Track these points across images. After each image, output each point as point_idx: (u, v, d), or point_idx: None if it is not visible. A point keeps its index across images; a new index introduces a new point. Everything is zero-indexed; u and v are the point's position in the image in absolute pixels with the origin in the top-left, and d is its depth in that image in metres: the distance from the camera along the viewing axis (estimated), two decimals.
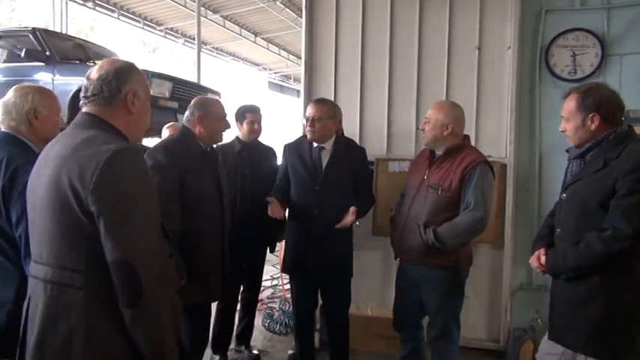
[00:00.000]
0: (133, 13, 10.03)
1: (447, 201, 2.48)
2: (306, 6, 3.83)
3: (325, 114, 2.84)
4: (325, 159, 2.87)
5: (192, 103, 2.53)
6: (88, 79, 1.47)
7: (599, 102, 1.93)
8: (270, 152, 3.53)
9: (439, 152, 2.60)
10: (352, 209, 2.78)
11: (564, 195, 2.05)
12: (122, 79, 1.46)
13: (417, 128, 3.65)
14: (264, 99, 15.12)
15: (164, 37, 11.40)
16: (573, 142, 2.04)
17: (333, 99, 3.66)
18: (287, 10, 10.05)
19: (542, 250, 2.10)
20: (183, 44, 11.93)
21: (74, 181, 1.29)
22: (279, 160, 3.59)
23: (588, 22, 3.47)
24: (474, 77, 3.57)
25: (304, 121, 2.90)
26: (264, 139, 3.53)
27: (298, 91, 17.41)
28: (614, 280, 1.86)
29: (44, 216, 1.36)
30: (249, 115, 3.35)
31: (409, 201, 2.65)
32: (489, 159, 3.20)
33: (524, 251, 2.95)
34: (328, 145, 2.90)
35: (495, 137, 3.56)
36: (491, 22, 3.55)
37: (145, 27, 10.60)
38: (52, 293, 1.34)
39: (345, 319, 3.02)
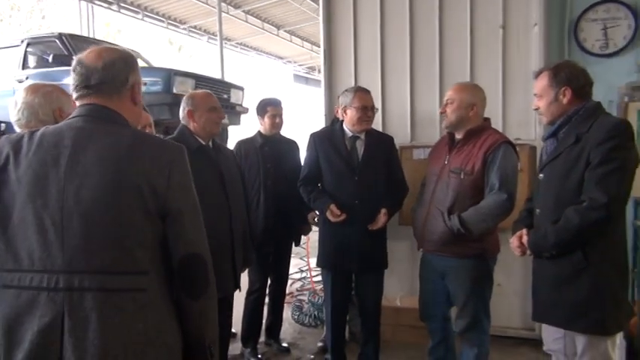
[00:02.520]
0: (157, 13, 10.14)
1: (470, 185, 2.41)
2: None
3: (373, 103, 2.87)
4: (361, 149, 2.83)
5: (183, 99, 2.54)
6: (85, 66, 1.35)
7: (570, 76, 1.97)
8: (292, 145, 3.50)
9: (459, 136, 2.53)
10: (383, 211, 2.77)
11: (541, 175, 2.06)
12: (129, 68, 1.40)
13: (442, 113, 3.56)
14: (289, 92, 15.13)
15: (188, 35, 11.50)
16: (546, 118, 2.06)
17: None
18: (308, 0, 9.98)
19: (523, 231, 2.09)
20: (207, 41, 12.01)
21: (152, 180, 1.27)
22: (302, 153, 3.57)
23: None
24: (499, 58, 3.45)
25: (354, 111, 2.79)
26: (290, 131, 3.51)
27: None
28: (596, 253, 1.86)
29: (90, 220, 1.24)
30: (271, 108, 3.33)
31: (431, 188, 2.58)
32: (518, 142, 3.12)
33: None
34: (362, 135, 2.85)
35: (524, 119, 3.43)
36: None
37: (169, 26, 10.72)
38: (107, 301, 1.24)
39: (378, 309, 3.00)
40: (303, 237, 3.60)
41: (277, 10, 10.70)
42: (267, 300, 3.49)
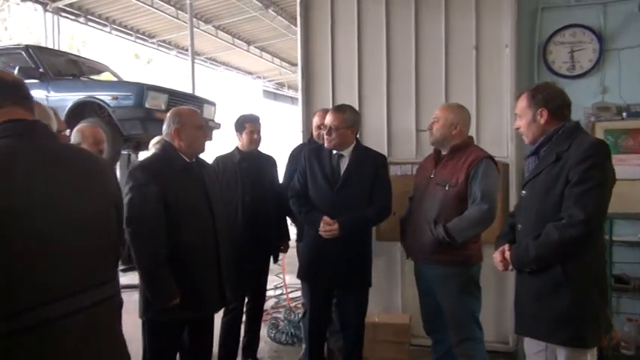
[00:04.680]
0: (125, 27, 9.99)
1: (454, 197, 2.52)
2: (300, 13, 3.82)
3: (343, 123, 2.78)
4: (343, 166, 2.84)
5: (168, 116, 2.48)
6: None
7: (547, 98, 2.04)
8: (270, 161, 3.49)
9: (444, 152, 2.67)
10: (335, 224, 2.71)
11: (524, 192, 2.13)
12: None
13: (418, 130, 3.65)
14: (258, 107, 15.10)
15: (157, 49, 11.37)
16: (527, 138, 2.14)
17: (331, 104, 3.63)
18: (279, 17, 10.03)
19: (506, 246, 2.15)
20: (176, 56, 11.91)
21: (117, 191, 1.49)
22: (280, 169, 3.57)
23: (585, 18, 3.48)
24: (473, 77, 3.56)
25: (317, 129, 2.86)
26: (260, 146, 3.49)
27: (292, 99, 17.40)
28: (576, 268, 1.91)
29: (84, 236, 1.31)
30: (249, 124, 3.32)
31: (417, 201, 2.70)
32: None
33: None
34: (347, 153, 2.85)
35: (497, 136, 3.54)
36: (488, 22, 3.53)
37: (138, 40, 10.58)
38: (99, 315, 1.34)
39: (361, 327, 2.97)
40: (280, 253, 3.57)
41: (248, 26, 10.72)
42: (243, 318, 3.43)
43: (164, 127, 2.44)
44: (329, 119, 2.81)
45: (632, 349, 3.28)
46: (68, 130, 2.55)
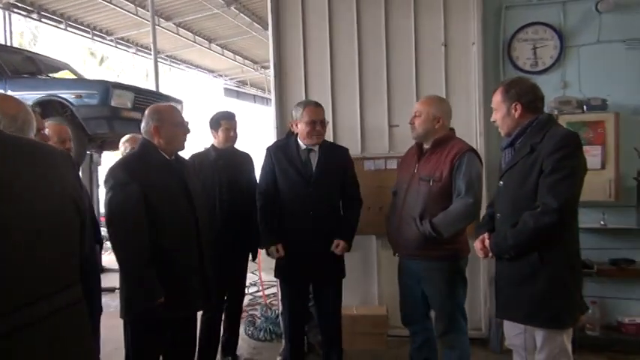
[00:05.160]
0: (82, 24, 9.66)
1: (439, 191, 2.54)
2: (272, 10, 3.81)
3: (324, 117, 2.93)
4: (314, 161, 2.89)
5: (146, 113, 2.45)
6: None
7: (521, 92, 2.14)
8: (247, 158, 3.48)
9: (427, 146, 2.68)
10: (340, 245, 2.89)
11: (501, 182, 2.23)
12: None
13: (391, 126, 3.73)
14: (220, 106, 14.91)
15: (115, 47, 11.05)
16: (502, 131, 2.24)
17: None
18: (242, 15, 9.94)
19: (485, 235, 2.24)
20: (135, 53, 11.61)
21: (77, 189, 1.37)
22: (257, 166, 3.57)
23: (546, 15, 3.64)
24: (442, 73, 3.66)
25: (304, 125, 2.86)
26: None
27: (255, 97, 17.28)
28: (551, 253, 2.02)
29: (49, 238, 1.23)
30: (224, 122, 3.30)
31: (402, 196, 2.70)
32: None
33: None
34: (315, 147, 2.91)
35: (466, 131, 3.61)
36: (455, 19, 3.65)
37: (95, 37, 10.24)
38: (64, 323, 1.24)
39: (338, 318, 3.04)
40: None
41: (209, 23, 10.55)
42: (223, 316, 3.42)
43: (142, 124, 2.41)
44: (319, 114, 2.89)
45: (596, 331, 3.48)
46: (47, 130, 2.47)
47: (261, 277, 5.13)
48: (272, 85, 3.90)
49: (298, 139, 2.94)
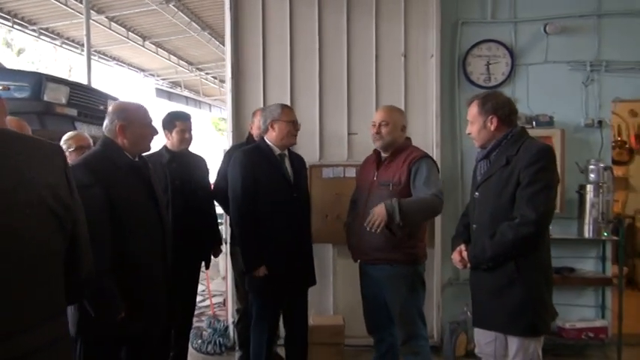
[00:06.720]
0: (1, 10, 8.87)
1: (400, 193, 2.56)
2: (230, 7, 3.68)
3: None
4: (289, 166, 2.81)
5: (110, 110, 2.26)
6: None
7: (496, 106, 2.18)
8: (201, 162, 3.32)
9: (386, 154, 2.72)
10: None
11: (477, 194, 2.25)
12: None
13: (350, 133, 3.71)
14: (151, 106, 14.31)
15: (37, 37, 10.24)
16: (478, 143, 2.27)
17: (262, 105, 3.57)
18: (180, 13, 9.59)
19: (462, 246, 2.27)
20: (60, 46, 10.84)
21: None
22: (211, 170, 3.41)
23: (499, 34, 3.79)
24: (402, 83, 3.71)
25: (284, 125, 2.75)
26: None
27: (187, 99, 16.75)
28: (527, 264, 2.07)
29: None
30: (179, 123, 3.12)
31: (363, 203, 2.70)
32: None
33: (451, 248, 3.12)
34: (285, 151, 2.84)
35: (422, 141, 3.67)
36: (415, 31, 3.71)
37: (15, 26, 9.44)
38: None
39: (306, 327, 3.01)
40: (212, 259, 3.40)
41: (146, 19, 10.07)
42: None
43: (105, 122, 2.19)
44: (295, 116, 2.83)
45: None
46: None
47: (209, 287, 4.90)
48: (228, 87, 3.75)
49: (269, 143, 2.80)
